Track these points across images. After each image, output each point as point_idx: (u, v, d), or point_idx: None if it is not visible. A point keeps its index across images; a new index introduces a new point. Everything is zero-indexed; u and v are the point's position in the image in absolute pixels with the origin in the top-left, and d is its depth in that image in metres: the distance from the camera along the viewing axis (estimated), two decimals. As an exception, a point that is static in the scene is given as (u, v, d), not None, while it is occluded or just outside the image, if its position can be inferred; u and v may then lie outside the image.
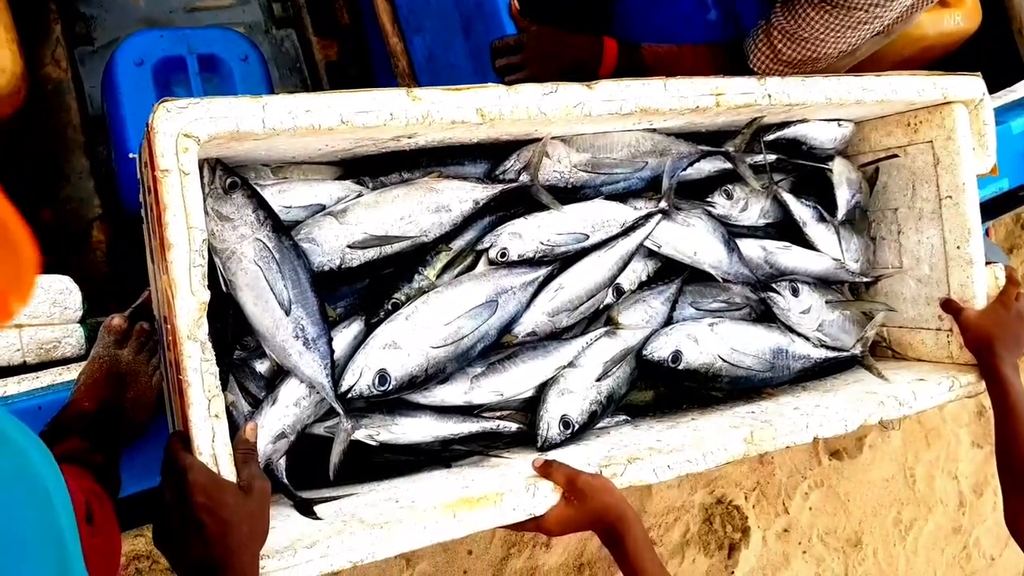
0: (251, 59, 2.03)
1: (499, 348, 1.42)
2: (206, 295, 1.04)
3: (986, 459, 3.48)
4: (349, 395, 1.25)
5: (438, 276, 1.40)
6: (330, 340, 1.24)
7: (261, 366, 1.27)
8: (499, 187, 1.42)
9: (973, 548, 3.44)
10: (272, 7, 2.55)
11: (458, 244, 1.43)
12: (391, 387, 1.28)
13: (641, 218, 1.51)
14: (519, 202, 1.48)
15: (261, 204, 1.22)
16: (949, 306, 1.66)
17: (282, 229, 1.24)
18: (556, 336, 1.48)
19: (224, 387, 1.10)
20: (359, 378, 1.26)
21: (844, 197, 1.68)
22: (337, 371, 1.27)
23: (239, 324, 1.22)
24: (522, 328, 1.43)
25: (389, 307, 1.35)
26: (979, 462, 3.47)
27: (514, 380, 1.40)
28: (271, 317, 1.20)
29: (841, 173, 1.69)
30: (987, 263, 1.67)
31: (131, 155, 1.31)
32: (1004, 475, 1.49)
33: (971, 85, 1.64)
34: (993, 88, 2.51)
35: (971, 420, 3.48)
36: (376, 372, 1.26)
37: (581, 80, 1.50)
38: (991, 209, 2.47)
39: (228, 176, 1.20)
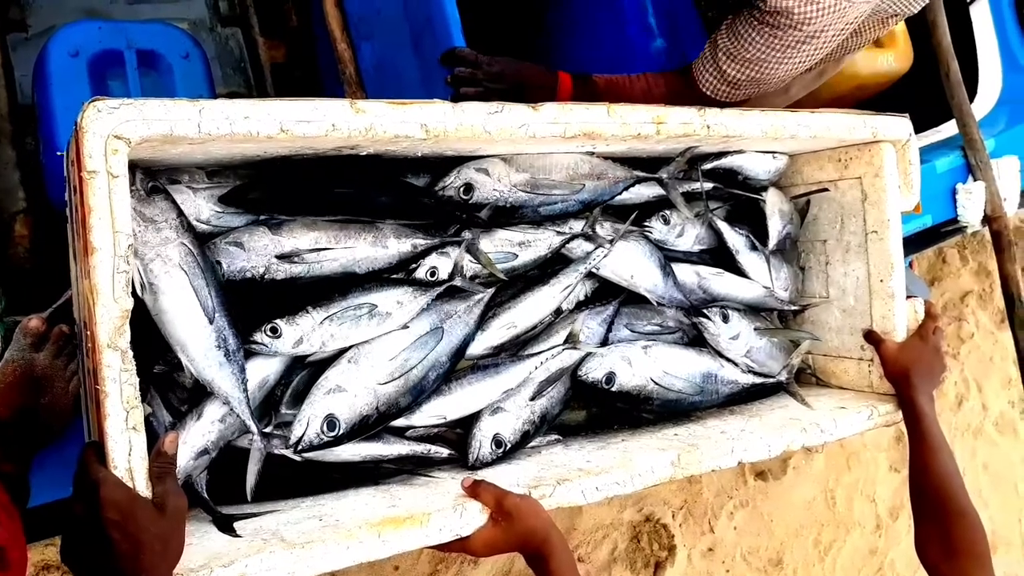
0: (193, 57, 1.98)
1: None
2: (129, 302, 1.01)
3: (902, 483, 3.60)
4: (300, 446, 1.23)
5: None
6: (244, 354, 1.22)
7: (185, 378, 1.23)
8: (438, 239, 1.44)
9: (888, 569, 3.55)
10: (218, 4, 2.50)
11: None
12: (342, 431, 1.26)
13: (566, 240, 1.54)
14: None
15: (182, 211, 1.20)
16: (871, 337, 1.71)
17: (201, 239, 1.22)
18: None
19: (144, 398, 1.07)
20: (307, 428, 1.24)
21: (776, 227, 1.72)
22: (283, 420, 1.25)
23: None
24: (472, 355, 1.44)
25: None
26: (896, 486, 3.59)
27: (458, 403, 1.40)
28: (195, 325, 1.16)
29: (774, 204, 1.73)
30: (908, 296, 1.73)
31: (59, 152, 1.27)
32: (915, 503, 1.55)
33: (899, 126, 1.70)
34: (921, 127, 2.63)
35: (890, 446, 3.59)
36: (323, 419, 1.24)
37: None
38: (915, 243, 2.57)
39: (149, 180, 1.18)
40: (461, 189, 1.44)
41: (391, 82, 2.05)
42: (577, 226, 1.57)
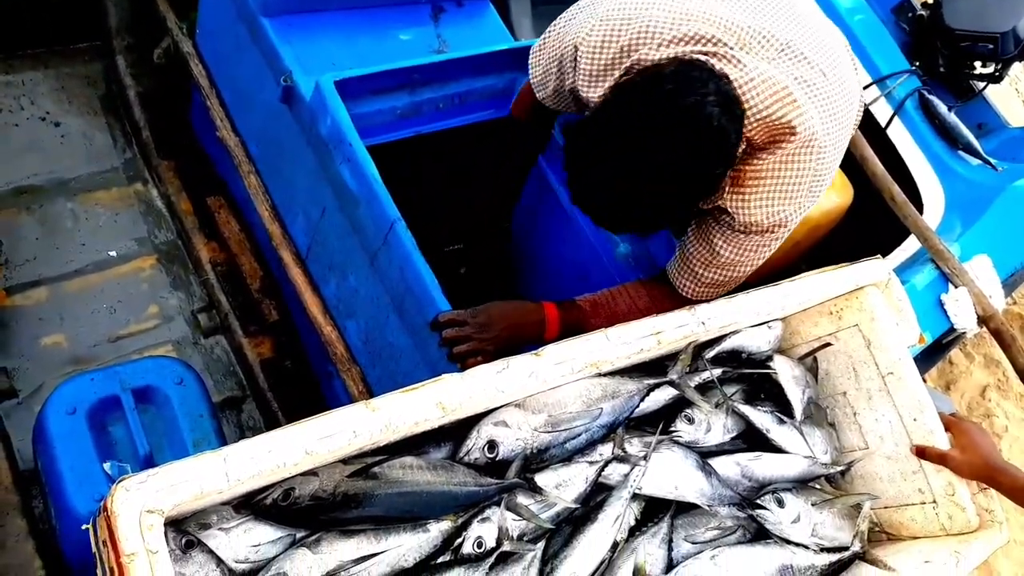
0: (186, 381, 2.00)
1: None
2: None
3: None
4: None
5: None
6: None
7: None
8: (473, 520, 1.40)
9: None
10: (198, 318, 2.57)
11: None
12: None
13: (601, 469, 1.51)
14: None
15: (221, 559, 1.16)
16: (928, 455, 1.67)
17: None
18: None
19: None
20: None
21: (796, 396, 1.71)
22: None
23: None
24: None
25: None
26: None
27: None
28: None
29: (785, 373, 1.74)
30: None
31: (84, 527, 1.24)
32: None
33: (876, 269, 1.75)
34: (886, 249, 2.72)
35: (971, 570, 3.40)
36: None
37: (527, 343, 1.55)
38: (923, 361, 2.57)
39: (182, 536, 1.15)
40: (485, 448, 1.42)
41: (383, 352, 2.08)
42: (606, 451, 1.55)
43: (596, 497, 1.52)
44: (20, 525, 2.00)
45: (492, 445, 1.42)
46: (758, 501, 1.58)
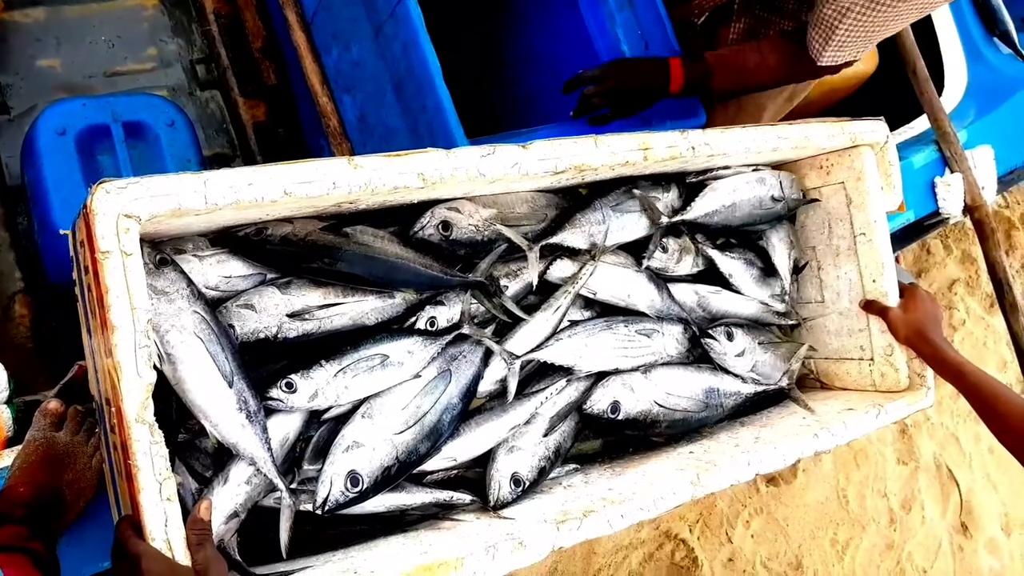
0: (178, 124, 2.01)
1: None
2: (152, 376, 1.03)
3: (911, 475, 3.63)
4: (327, 506, 1.24)
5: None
6: (265, 414, 1.23)
7: (207, 443, 1.24)
8: (441, 289, 1.46)
9: (906, 562, 3.57)
10: (196, 69, 2.53)
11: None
12: (367, 486, 1.27)
13: (551, 261, 1.57)
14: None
15: (192, 280, 1.22)
16: (872, 307, 1.73)
17: (212, 305, 1.24)
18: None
19: (171, 467, 1.08)
20: (331, 487, 1.25)
21: (783, 262, 1.77)
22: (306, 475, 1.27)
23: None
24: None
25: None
26: (905, 478, 3.62)
27: (468, 445, 1.41)
28: (215, 390, 1.18)
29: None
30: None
31: (62, 232, 1.28)
32: (1013, 441, 1.50)
33: (876, 129, 1.74)
34: (893, 125, 2.68)
35: (895, 439, 3.62)
36: (346, 476, 1.25)
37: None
38: (900, 239, 2.61)
39: (156, 253, 1.20)
40: (440, 227, 1.46)
41: (376, 131, 2.08)
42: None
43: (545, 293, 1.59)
44: (3, 236, 2.07)
45: (446, 225, 1.46)
46: (709, 331, 1.65)
